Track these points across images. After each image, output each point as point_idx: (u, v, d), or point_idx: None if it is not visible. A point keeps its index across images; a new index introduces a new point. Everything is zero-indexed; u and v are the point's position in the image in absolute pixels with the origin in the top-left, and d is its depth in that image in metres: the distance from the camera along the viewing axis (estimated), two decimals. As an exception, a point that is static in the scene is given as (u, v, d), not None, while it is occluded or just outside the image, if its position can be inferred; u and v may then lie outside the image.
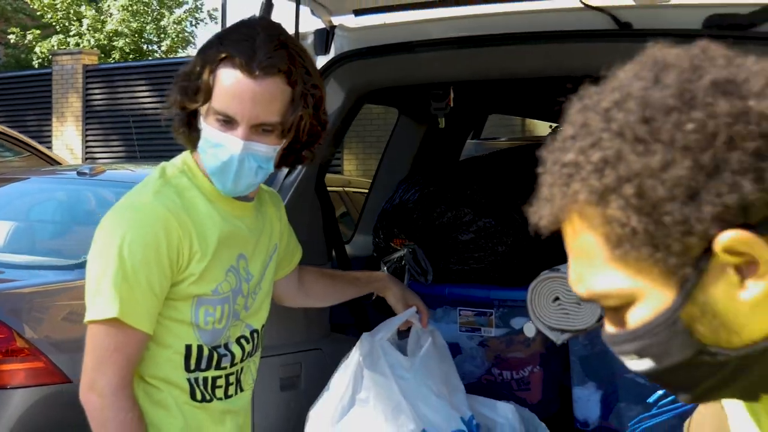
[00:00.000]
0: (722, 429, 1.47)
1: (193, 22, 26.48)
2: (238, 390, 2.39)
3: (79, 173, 5.53)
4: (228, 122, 2.17)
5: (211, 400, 2.31)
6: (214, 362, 2.30)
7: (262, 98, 2.15)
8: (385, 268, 3.69)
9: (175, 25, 25.67)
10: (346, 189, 6.77)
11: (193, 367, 2.26)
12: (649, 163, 1.02)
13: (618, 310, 1.12)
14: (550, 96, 1.53)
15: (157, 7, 25.51)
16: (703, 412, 2.24)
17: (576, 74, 1.54)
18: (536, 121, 7.39)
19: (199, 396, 2.29)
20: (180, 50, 26.29)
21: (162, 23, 25.47)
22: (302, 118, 2.22)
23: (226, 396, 2.35)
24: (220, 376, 2.34)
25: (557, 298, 3.03)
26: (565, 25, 2.83)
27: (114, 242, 2.09)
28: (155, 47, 26.16)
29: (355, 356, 2.82)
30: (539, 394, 3.73)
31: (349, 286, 2.85)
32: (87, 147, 18.59)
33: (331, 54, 3.14)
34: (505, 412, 3.28)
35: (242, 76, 2.14)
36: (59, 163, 8.05)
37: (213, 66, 2.16)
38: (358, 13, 3.19)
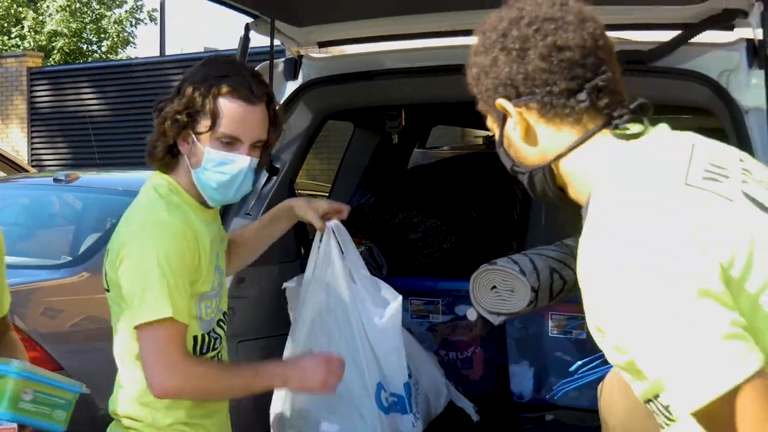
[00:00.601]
0: (627, 388, 1.99)
1: (133, 22, 26.67)
2: None
3: (56, 180, 5.95)
4: (231, 143, 2.61)
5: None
6: (211, 345, 2.79)
7: (259, 121, 2.62)
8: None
9: (115, 25, 25.85)
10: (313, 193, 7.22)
11: (199, 352, 2.75)
12: (483, 62, 1.86)
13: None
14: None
15: (97, 7, 25.66)
16: (612, 377, 2.78)
17: None
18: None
19: None
20: (120, 50, 26.47)
21: (102, 23, 25.63)
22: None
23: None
24: (213, 357, 2.83)
25: (494, 287, 3.57)
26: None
27: (152, 255, 2.50)
28: (95, 47, 26.30)
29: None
30: (481, 371, 4.27)
31: (273, 226, 3.12)
32: (33, 149, 18.76)
33: (300, 80, 3.65)
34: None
35: (245, 104, 2.59)
36: (26, 170, 8.42)
37: (214, 98, 2.59)
38: (321, 45, 3.70)
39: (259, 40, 3.59)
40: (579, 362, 3.29)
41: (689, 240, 1.57)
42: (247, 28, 3.53)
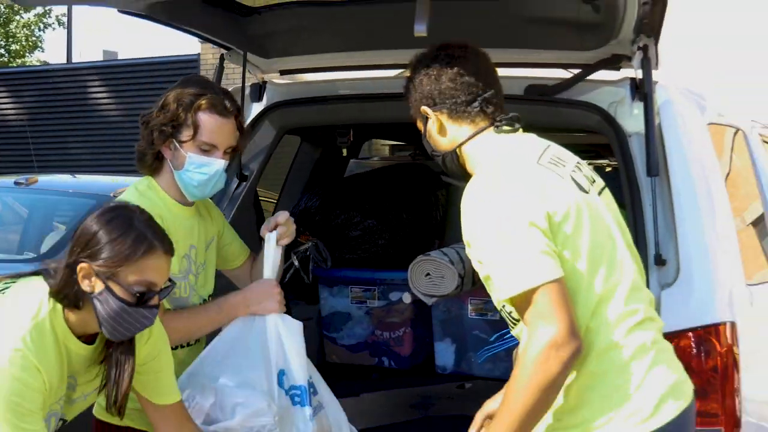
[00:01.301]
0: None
1: (42, 27, 26.71)
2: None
3: (17, 183, 6.52)
4: (208, 150, 3.17)
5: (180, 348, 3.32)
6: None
7: (231, 131, 3.22)
8: (295, 258, 4.88)
9: (24, 29, 25.89)
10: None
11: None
12: (414, 82, 2.92)
13: None
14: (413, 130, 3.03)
15: (5, 11, 25.67)
16: (523, 345, 3.54)
17: None
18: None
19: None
20: (28, 54, 26.52)
21: (10, 27, 25.64)
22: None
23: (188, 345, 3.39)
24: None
25: (428, 274, 4.32)
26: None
27: None
28: (3, 51, 26.29)
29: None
30: (410, 348, 4.98)
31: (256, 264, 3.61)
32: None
33: (264, 102, 4.32)
34: None
35: (220, 117, 3.18)
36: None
37: (195, 112, 3.15)
38: (283, 72, 4.40)
39: (179, 50, 4.24)
40: (497, 334, 4.06)
41: (530, 191, 2.59)
42: (222, 58, 4.20)
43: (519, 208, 2.59)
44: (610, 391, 2.66)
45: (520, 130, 2.88)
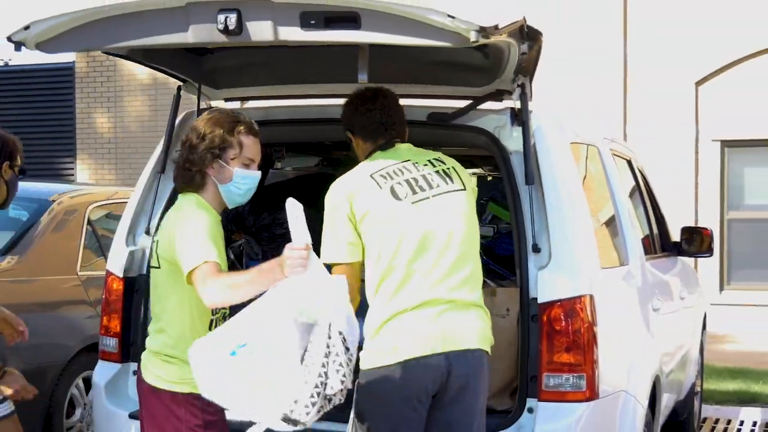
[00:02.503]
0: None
1: None
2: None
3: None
4: (248, 164, 3.89)
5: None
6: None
7: (260, 148, 3.98)
8: (231, 253, 5.82)
9: None
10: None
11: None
12: (343, 115, 4.35)
13: None
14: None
15: None
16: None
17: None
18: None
19: None
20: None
21: None
22: None
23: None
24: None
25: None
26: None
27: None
28: None
29: None
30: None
31: None
32: None
33: (211, 124, 5.23)
34: None
35: (255, 138, 3.92)
36: None
37: (237, 134, 3.84)
38: (227, 100, 5.33)
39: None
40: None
41: (345, 194, 3.93)
42: (179, 89, 5.11)
43: (335, 205, 3.98)
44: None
45: (399, 149, 4.12)
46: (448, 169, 4.14)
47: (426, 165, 4.10)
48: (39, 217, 7.04)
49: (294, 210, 3.60)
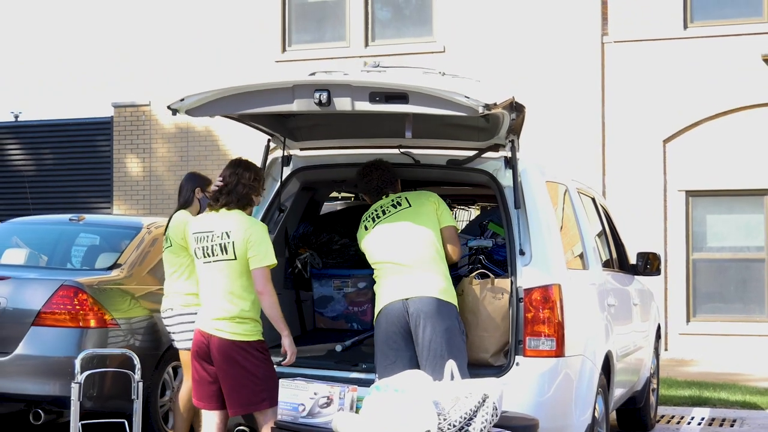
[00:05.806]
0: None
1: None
2: None
3: (71, 219, 9.29)
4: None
5: None
6: None
7: None
8: (298, 263, 7.82)
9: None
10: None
11: None
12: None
13: None
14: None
15: None
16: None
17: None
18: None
19: None
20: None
21: None
22: None
23: None
24: None
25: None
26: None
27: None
28: None
29: None
30: (370, 317, 7.88)
31: None
32: None
33: (291, 167, 7.24)
34: None
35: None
36: None
37: (265, 177, 6.23)
38: (302, 149, 7.38)
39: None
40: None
41: (362, 220, 6.67)
42: (269, 142, 7.17)
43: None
44: None
45: (383, 198, 6.47)
46: (400, 198, 6.53)
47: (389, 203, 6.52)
48: (136, 240, 9.01)
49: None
